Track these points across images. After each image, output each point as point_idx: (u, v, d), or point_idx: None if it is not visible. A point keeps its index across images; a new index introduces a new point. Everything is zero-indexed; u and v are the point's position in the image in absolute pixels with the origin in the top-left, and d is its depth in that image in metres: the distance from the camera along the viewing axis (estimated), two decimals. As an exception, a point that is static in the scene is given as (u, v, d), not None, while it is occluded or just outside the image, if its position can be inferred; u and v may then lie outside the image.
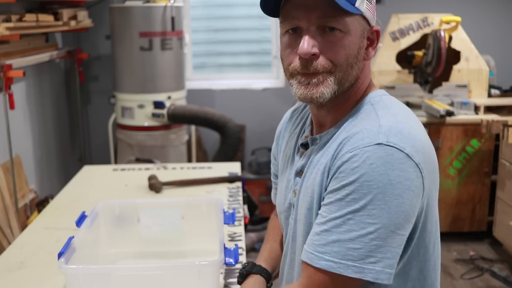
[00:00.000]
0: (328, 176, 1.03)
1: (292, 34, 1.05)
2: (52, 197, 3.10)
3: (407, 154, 0.95)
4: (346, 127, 1.06)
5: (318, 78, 1.03)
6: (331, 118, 1.12)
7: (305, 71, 1.04)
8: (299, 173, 1.16)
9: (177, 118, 3.80)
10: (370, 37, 1.08)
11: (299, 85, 1.06)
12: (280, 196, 1.26)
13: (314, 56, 1.02)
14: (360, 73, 1.07)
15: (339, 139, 1.05)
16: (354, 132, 1.01)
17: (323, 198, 1.03)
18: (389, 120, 1.00)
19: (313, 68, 1.03)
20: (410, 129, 0.99)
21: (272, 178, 1.41)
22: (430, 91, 3.92)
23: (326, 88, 1.04)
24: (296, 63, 1.04)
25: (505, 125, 3.32)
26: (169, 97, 3.82)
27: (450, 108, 3.66)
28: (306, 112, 1.26)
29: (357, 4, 1.01)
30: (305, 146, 1.17)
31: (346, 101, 1.09)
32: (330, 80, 1.03)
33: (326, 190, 1.03)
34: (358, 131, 1.00)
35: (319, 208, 1.05)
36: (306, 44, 1.01)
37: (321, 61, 1.02)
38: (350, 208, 0.96)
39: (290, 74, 1.07)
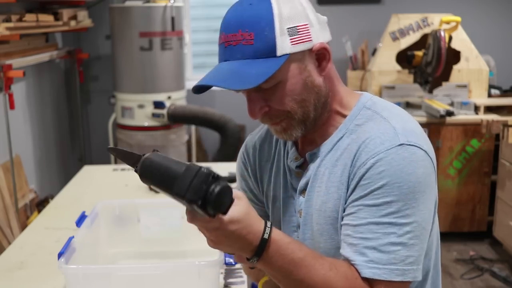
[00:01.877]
0: (348, 187, 1.02)
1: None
2: (52, 197, 3.10)
3: (426, 151, 0.98)
4: (350, 135, 1.05)
5: (282, 125, 1.05)
6: (318, 133, 1.11)
7: (268, 123, 1.08)
8: (303, 192, 1.12)
9: (177, 118, 3.80)
10: (317, 56, 1.03)
11: (272, 129, 1.09)
12: (276, 224, 1.18)
13: (266, 111, 1.04)
14: (326, 88, 1.05)
15: (350, 148, 1.03)
16: (367, 138, 1.01)
17: (344, 209, 1.02)
18: (398, 122, 1.01)
19: (272, 121, 1.05)
20: (417, 127, 1.03)
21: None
22: (430, 91, 3.92)
23: (293, 131, 1.06)
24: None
25: (505, 125, 3.32)
26: (169, 97, 3.82)
27: (450, 108, 3.66)
28: (273, 138, 1.21)
29: (279, 52, 0.97)
30: (300, 167, 1.14)
31: (329, 115, 1.08)
32: (293, 123, 1.05)
33: (346, 201, 1.02)
34: (374, 136, 1.00)
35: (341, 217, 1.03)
36: (251, 111, 1.04)
37: (274, 112, 1.04)
38: (383, 212, 0.96)
39: None
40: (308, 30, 0.99)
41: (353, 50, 4.31)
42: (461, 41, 3.97)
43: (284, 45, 0.97)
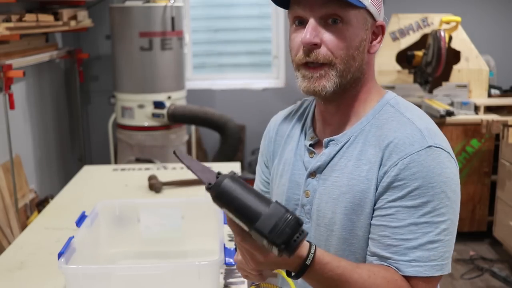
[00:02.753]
0: (377, 185, 1.05)
1: (298, 26, 1.08)
2: (52, 197, 3.10)
3: (449, 152, 1.04)
4: (371, 129, 1.09)
5: (320, 73, 1.06)
6: (340, 117, 1.14)
7: (307, 59, 1.07)
8: (312, 174, 1.15)
9: (177, 118, 3.80)
10: (375, 32, 1.10)
11: (303, 79, 1.09)
12: (278, 198, 1.22)
13: (316, 46, 1.05)
14: (366, 67, 1.10)
15: (374, 143, 1.07)
16: (395, 138, 1.04)
17: (378, 208, 1.05)
18: (421, 123, 1.06)
19: (314, 57, 1.05)
20: (436, 128, 1.08)
21: (261, 187, 1.33)
22: (430, 91, 3.92)
23: (328, 82, 1.06)
24: (300, 53, 1.07)
25: (505, 125, 3.32)
26: (169, 97, 3.82)
27: (450, 108, 3.66)
28: (304, 113, 1.25)
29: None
30: (313, 146, 1.17)
31: (355, 99, 1.12)
32: (332, 74, 1.06)
33: (376, 199, 1.05)
34: (402, 136, 1.04)
35: (370, 216, 1.06)
36: (308, 34, 1.04)
37: (322, 51, 1.05)
38: (421, 212, 1.00)
39: (296, 66, 1.10)
40: (381, 4, 1.09)
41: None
42: (461, 41, 3.97)
43: None
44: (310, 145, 1.17)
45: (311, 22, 1.05)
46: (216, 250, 1.42)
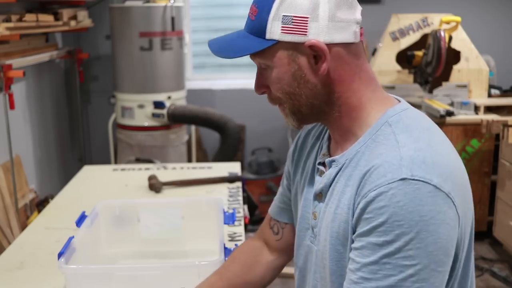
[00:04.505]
0: (353, 216, 0.96)
1: None
2: (52, 197, 3.10)
3: (435, 186, 0.89)
4: (365, 152, 0.98)
5: (280, 109, 1.06)
6: (339, 136, 1.06)
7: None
8: (318, 195, 1.08)
9: (177, 118, 3.80)
10: (311, 53, 0.97)
11: None
12: (298, 214, 1.17)
13: (264, 92, 1.06)
14: (333, 88, 1.00)
15: (361, 168, 0.97)
16: (374, 165, 0.93)
17: (353, 241, 0.96)
18: (410, 149, 0.92)
19: (271, 102, 1.07)
20: (434, 155, 0.92)
21: (281, 193, 1.30)
22: (430, 91, 3.92)
23: (288, 118, 1.06)
24: None
25: (505, 125, 3.32)
26: (169, 97, 3.82)
27: (450, 108, 3.66)
28: (323, 126, 1.17)
29: (268, 36, 0.97)
30: (323, 164, 1.10)
31: (344, 119, 1.03)
32: (286, 111, 1.05)
33: (354, 230, 0.96)
34: (379, 164, 0.92)
35: (350, 246, 0.98)
36: (255, 84, 1.06)
37: (270, 96, 1.06)
38: (384, 252, 0.88)
39: None
40: (305, 23, 0.95)
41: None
42: (461, 41, 3.97)
43: (274, 30, 0.96)
44: (320, 163, 1.09)
45: (256, 73, 1.06)
46: (216, 250, 1.42)
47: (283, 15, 0.95)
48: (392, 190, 0.88)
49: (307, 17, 0.95)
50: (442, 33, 3.66)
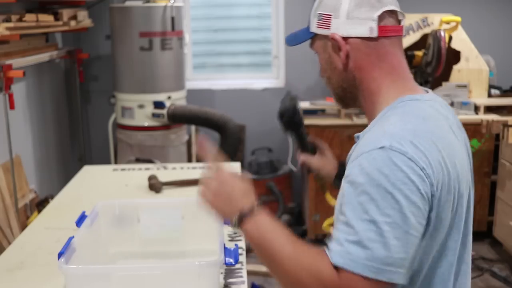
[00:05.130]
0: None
1: None
2: (52, 197, 3.10)
3: (410, 158, 0.99)
4: (370, 130, 1.13)
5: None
6: (367, 117, 1.21)
7: None
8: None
9: (177, 118, 3.79)
10: (335, 44, 1.15)
11: None
12: None
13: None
14: (360, 75, 1.15)
15: (360, 143, 1.11)
16: (365, 139, 1.09)
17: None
18: (396, 127, 1.04)
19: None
20: (415, 135, 1.02)
21: None
22: (430, 91, 3.91)
23: (333, 99, 1.26)
24: None
25: (505, 125, 3.32)
26: (169, 97, 3.82)
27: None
28: None
29: (311, 29, 1.21)
30: None
31: (365, 103, 1.18)
32: (331, 92, 1.24)
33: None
34: (367, 138, 1.08)
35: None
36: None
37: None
38: (363, 209, 0.97)
39: None
40: (329, 20, 1.15)
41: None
42: (461, 41, 3.97)
43: (313, 25, 1.20)
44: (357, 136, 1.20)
45: None
46: (216, 250, 1.42)
47: (318, 13, 1.18)
48: (371, 156, 1.00)
49: (331, 15, 1.15)
50: (442, 33, 3.66)
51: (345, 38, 1.13)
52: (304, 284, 1.00)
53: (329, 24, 1.15)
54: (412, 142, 1.00)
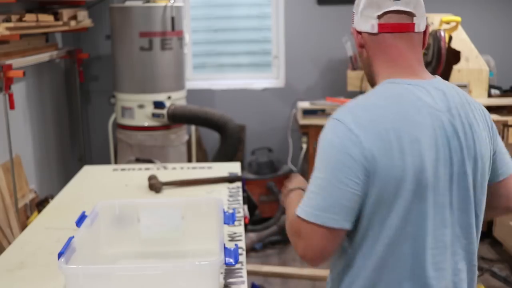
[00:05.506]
0: None
1: None
2: (52, 197, 3.10)
3: (347, 126, 1.21)
4: None
5: None
6: None
7: None
8: None
9: (177, 118, 3.80)
10: (354, 38, 1.39)
11: None
12: None
13: None
14: (371, 63, 1.36)
15: None
16: None
17: None
18: (352, 102, 1.28)
19: None
20: (363, 108, 1.24)
21: None
22: (430, 91, 3.91)
23: None
24: None
25: (505, 125, 3.32)
26: (169, 97, 3.82)
27: (450, 108, 3.65)
28: None
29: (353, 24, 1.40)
30: None
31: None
32: None
33: None
34: None
35: None
36: None
37: None
38: (315, 167, 1.25)
39: None
40: (353, 17, 1.37)
41: (353, 50, 4.31)
42: (461, 41, 3.97)
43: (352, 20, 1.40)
44: None
45: None
46: (216, 250, 1.42)
47: (352, 11, 1.37)
48: (326, 124, 1.26)
49: (354, 12, 1.37)
50: (442, 33, 3.66)
51: (359, 32, 1.34)
52: (288, 227, 1.30)
53: (353, 20, 1.37)
54: (354, 113, 1.23)
